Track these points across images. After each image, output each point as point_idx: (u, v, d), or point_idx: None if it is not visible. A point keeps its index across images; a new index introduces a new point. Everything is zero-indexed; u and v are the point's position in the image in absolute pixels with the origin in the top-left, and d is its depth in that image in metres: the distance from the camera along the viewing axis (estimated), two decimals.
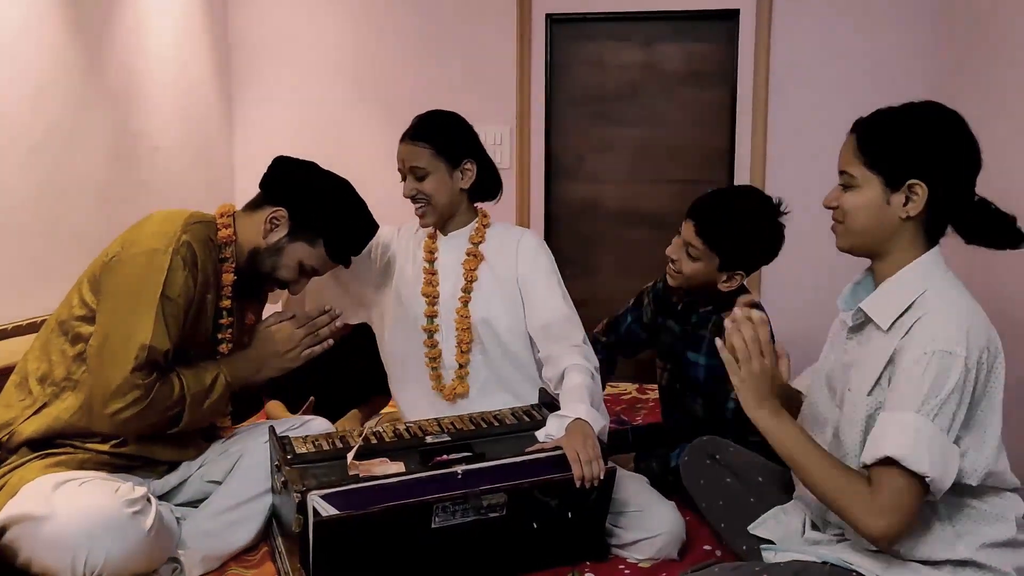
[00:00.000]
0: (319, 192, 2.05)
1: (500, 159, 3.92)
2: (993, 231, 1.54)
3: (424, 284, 2.31)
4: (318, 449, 1.96)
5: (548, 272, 2.27)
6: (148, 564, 1.82)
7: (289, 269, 2.05)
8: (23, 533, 1.73)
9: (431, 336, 2.29)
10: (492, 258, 2.29)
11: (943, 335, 1.44)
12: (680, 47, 3.87)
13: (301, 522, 1.73)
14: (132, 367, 1.79)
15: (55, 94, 2.90)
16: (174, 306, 1.85)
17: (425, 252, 2.33)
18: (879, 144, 1.55)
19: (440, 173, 2.22)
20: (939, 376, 1.43)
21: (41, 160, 2.83)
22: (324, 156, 2.21)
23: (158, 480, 2.04)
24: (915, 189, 1.52)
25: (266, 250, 2.03)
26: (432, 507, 1.80)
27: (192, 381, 1.91)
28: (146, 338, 1.81)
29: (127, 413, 1.81)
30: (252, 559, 2.01)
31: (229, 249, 2.01)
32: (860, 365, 1.58)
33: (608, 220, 4.03)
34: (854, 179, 1.57)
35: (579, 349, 2.17)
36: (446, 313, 2.28)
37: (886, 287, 1.56)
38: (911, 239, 1.56)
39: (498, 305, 2.26)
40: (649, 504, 2.07)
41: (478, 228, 2.31)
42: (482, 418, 2.14)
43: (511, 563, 1.94)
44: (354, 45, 4.05)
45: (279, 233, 2.02)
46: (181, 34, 3.69)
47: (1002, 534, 1.51)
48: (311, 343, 2.06)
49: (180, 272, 1.86)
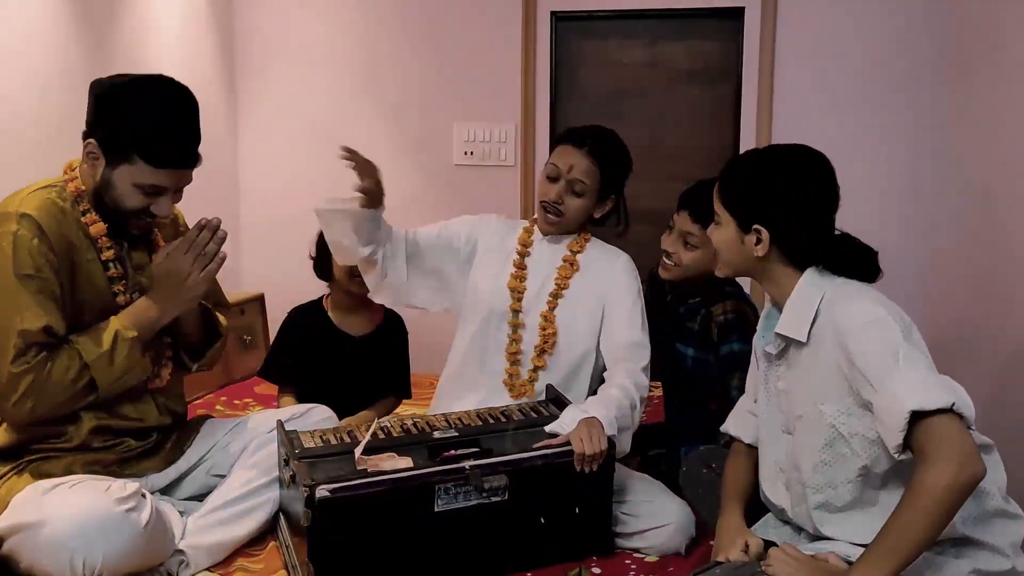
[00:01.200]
0: (112, 108, 1.87)
1: (504, 157, 3.92)
2: (851, 264, 1.65)
3: (512, 278, 2.30)
4: (326, 443, 1.97)
5: (635, 298, 2.27)
6: (149, 559, 1.81)
7: (130, 196, 1.89)
8: (20, 542, 1.72)
9: (515, 331, 2.27)
10: (587, 270, 2.29)
11: (861, 310, 1.55)
12: (685, 45, 3.87)
13: (310, 516, 1.73)
14: (12, 357, 1.77)
15: (61, 89, 2.90)
16: (39, 281, 1.79)
17: (519, 246, 2.33)
18: (731, 189, 1.71)
19: (591, 196, 2.25)
20: (885, 335, 1.51)
21: (48, 155, 2.83)
22: (328, 155, 2.20)
23: (157, 474, 2.04)
24: (760, 233, 1.66)
25: (100, 187, 1.89)
26: (435, 489, 1.81)
27: (89, 345, 1.84)
28: (18, 324, 1.77)
29: (28, 403, 1.79)
30: (259, 553, 2.02)
31: (85, 201, 1.92)
32: (799, 384, 1.66)
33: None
34: (718, 216, 1.73)
35: (635, 374, 2.15)
36: (529, 311, 2.27)
37: (788, 306, 1.66)
38: (781, 269, 1.68)
39: (580, 317, 2.25)
40: (658, 495, 2.09)
41: (579, 240, 2.32)
42: (489, 414, 2.14)
43: (518, 557, 1.95)
44: (359, 43, 4.05)
45: (99, 165, 1.88)
46: (186, 31, 3.70)
47: (987, 505, 1.55)
48: (203, 263, 1.91)
49: (27, 245, 1.78)
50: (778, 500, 1.75)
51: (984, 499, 1.57)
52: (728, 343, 2.27)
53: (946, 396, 1.44)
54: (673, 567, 1.97)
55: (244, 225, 4.17)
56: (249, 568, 1.96)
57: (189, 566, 1.90)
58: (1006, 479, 1.62)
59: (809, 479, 1.64)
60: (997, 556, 1.54)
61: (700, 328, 2.33)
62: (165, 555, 1.86)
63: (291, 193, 4.06)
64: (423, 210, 3.90)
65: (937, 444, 1.43)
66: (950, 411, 1.44)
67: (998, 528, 1.56)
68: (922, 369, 1.48)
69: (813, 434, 1.62)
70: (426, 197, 3.94)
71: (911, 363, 1.48)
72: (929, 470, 1.42)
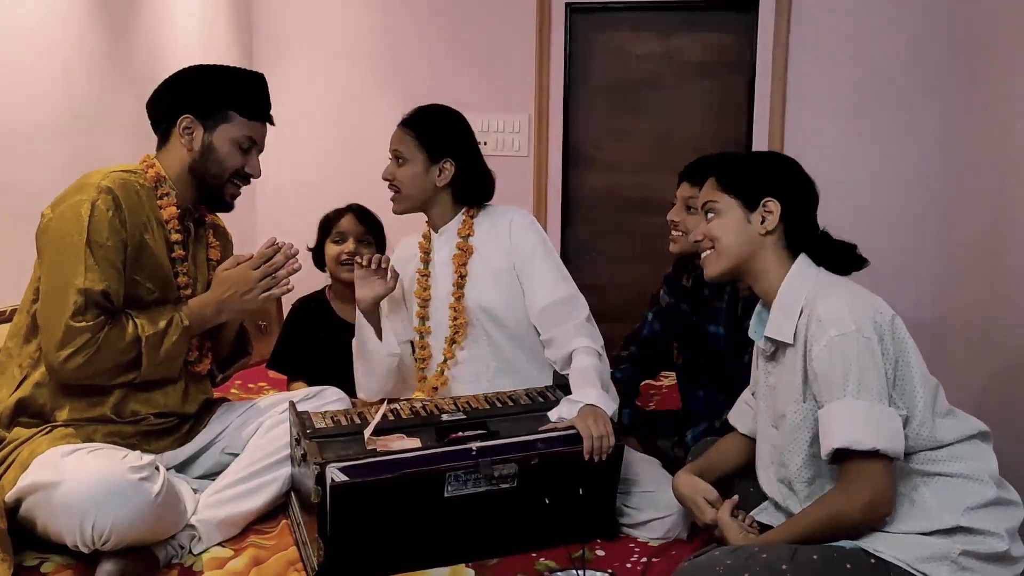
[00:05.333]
0: (198, 80, 2.07)
1: (518, 148, 3.96)
2: (837, 258, 1.74)
3: (418, 287, 2.34)
4: (336, 424, 2.01)
5: (543, 254, 2.26)
6: (157, 531, 1.85)
7: (231, 155, 2.07)
8: (37, 501, 1.78)
9: (422, 337, 2.34)
10: (483, 248, 2.29)
11: (831, 320, 1.59)
12: (699, 37, 3.89)
13: (320, 493, 1.78)
14: (71, 312, 1.85)
15: (81, 78, 2.96)
16: (105, 250, 1.89)
17: (420, 253, 2.36)
18: (734, 174, 1.78)
19: (416, 164, 2.25)
20: (845, 357, 1.57)
21: (68, 143, 2.89)
22: (344, 145, 2.25)
23: (172, 452, 2.10)
24: (768, 206, 1.72)
25: (200, 156, 2.05)
26: (445, 475, 1.85)
27: (146, 322, 1.94)
28: (80, 283, 1.86)
29: (79, 358, 1.86)
30: (271, 530, 2.06)
31: (164, 187, 2.05)
32: (783, 382, 1.73)
33: (625, 208, 4.05)
34: (716, 204, 1.78)
35: (583, 328, 2.18)
36: (441, 310, 2.32)
37: (776, 307, 1.72)
38: (775, 256, 1.74)
39: (495, 293, 2.27)
40: (660, 484, 2.10)
41: (465, 220, 2.31)
42: (497, 398, 2.18)
43: (523, 539, 1.98)
44: (375, 35, 4.09)
45: (198, 134, 2.05)
46: (205, 20, 3.75)
47: (982, 495, 1.59)
48: (268, 285, 2.02)
49: (104, 216, 1.89)
50: (771, 492, 1.80)
51: (978, 489, 1.60)
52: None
53: (874, 439, 1.53)
54: (675, 550, 2.00)
55: (260, 214, 4.23)
56: (262, 544, 2.00)
57: (201, 540, 1.95)
58: (997, 466, 1.65)
59: (798, 474, 1.71)
60: (988, 538, 1.56)
61: (728, 306, 2.32)
62: (175, 528, 1.91)
63: (307, 182, 4.11)
64: None
65: (855, 478, 1.57)
66: (875, 453, 1.53)
67: (992, 516, 1.59)
68: (864, 403, 1.55)
69: (800, 429, 1.69)
70: None
71: (859, 392, 1.56)
72: (841, 496, 1.59)
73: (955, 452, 1.62)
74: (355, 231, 2.79)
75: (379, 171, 2.27)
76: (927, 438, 1.61)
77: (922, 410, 1.61)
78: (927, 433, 1.61)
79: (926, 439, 1.61)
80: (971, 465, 1.62)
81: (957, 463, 1.61)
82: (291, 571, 1.91)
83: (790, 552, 1.56)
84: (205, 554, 1.94)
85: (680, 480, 1.93)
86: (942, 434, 1.62)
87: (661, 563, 1.94)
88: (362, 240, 2.79)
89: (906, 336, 1.63)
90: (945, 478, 1.61)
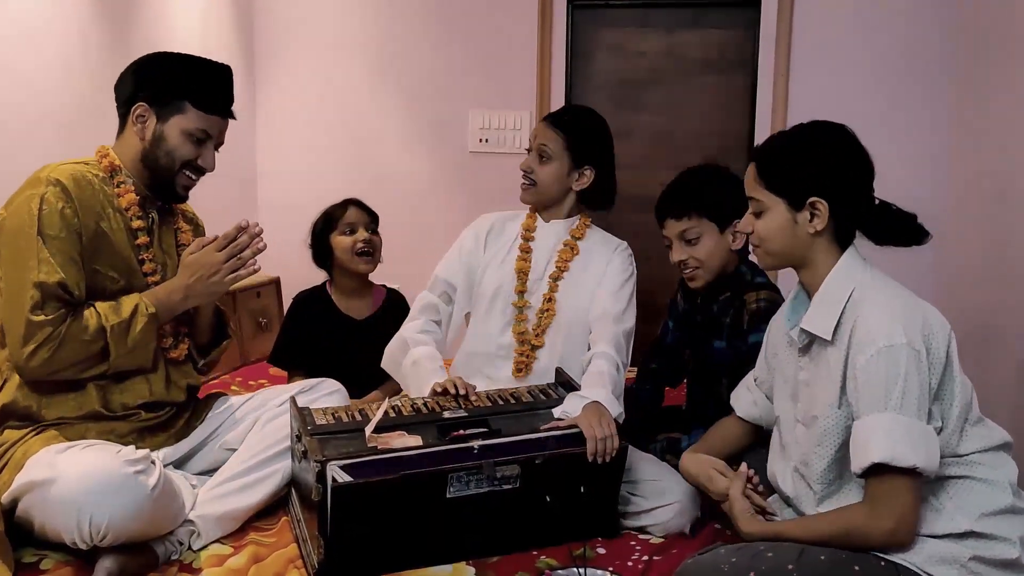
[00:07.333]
0: (157, 68, 2.05)
1: (520, 144, 3.94)
2: (897, 231, 1.66)
3: (518, 260, 2.36)
4: (338, 421, 2.00)
5: (624, 280, 2.34)
6: (156, 525, 1.84)
7: (181, 146, 2.02)
8: (33, 500, 1.76)
9: (521, 311, 2.34)
10: (586, 255, 2.36)
11: (880, 331, 1.54)
12: (701, 34, 3.87)
13: (320, 491, 1.77)
14: (29, 307, 1.84)
15: (82, 73, 2.95)
16: (59, 241, 1.87)
17: (524, 231, 2.39)
18: (777, 169, 1.68)
19: (560, 165, 2.31)
20: (891, 370, 1.52)
21: (69, 138, 2.88)
22: (345, 139, 2.24)
23: (169, 448, 2.09)
24: (816, 206, 1.64)
25: (151, 146, 2.02)
26: (447, 476, 1.84)
27: (110, 312, 1.92)
28: (35, 276, 1.84)
29: (43, 353, 1.85)
30: (271, 527, 2.06)
31: (119, 175, 2.03)
32: (819, 382, 1.67)
33: (627, 205, 4.01)
34: (761, 203, 1.69)
35: (615, 339, 2.23)
36: (533, 292, 2.35)
37: (817, 300, 1.66)
38: (826, 249, 1.67)
39: (578, 298, 2.32)
40: (664, 475, 2.12)
41: (580, 225, 2.39)
42: (499, 395, 2.17)
43: (524, 537, 1.97)
44: (376, 29, 4.07)
45: (150, 125, 2.02)
46: (206, 14, 3.74)
47: (998, 502, 1.57)
48: (234, 266, 2.00)
49: (54, 208, 1.88)
50: (783, 484, 1.77)
51: (996, 496, 1.58)
52: (758, 331, 2.24)
53: (913, 456, 1.49)
54: (677, 548, 1.99)
55: (261, 208, 4.21)
56: (261, 541, 1.99)
57: (201, 536, 1.94)
58: (1016, 475, 1.63)
59: (821, 476, 1.66)
60: (1000, 544, 1.54)
61: (733, 319, 2.32)
62: (174, 523, 1.90)
63: (308, 177, 4.10)
64: (438, 196, 3.93)
65: (884, 498, 1.52)
66: (912, 471, 1.49)
67: (1006, 523, 1.57)
68: (906, 419, 1.51)
69: (831, 435, 1.64)
70: (441, 183, 3.96)
71: (901, 407, 1.51)
72: (864, 516, 1.54)
73: (978, 459, 1.60)
74: (363, 221, 2.81)
75: (380, 164, 2.27)
76: (954, 446, 1.58)
77: (955, 420, 1.58)
78: (955, 442, 1.58)
79: (953, 447, 1.58)
80: (991, 471, 1.59)
81: (978, 468, 1.59)
82: (291, 568, 1.89)
83: (797, 552, 1.54)
84: (204, 551, 1.93)
85: (687, 460, 1.92)
86: (969, 443, 1.60)
87: (663, 561, 1.93)
88: (370, 229, 2.81)
89: (952, 342, 1.59)
90: (964, 481, 1.58)
